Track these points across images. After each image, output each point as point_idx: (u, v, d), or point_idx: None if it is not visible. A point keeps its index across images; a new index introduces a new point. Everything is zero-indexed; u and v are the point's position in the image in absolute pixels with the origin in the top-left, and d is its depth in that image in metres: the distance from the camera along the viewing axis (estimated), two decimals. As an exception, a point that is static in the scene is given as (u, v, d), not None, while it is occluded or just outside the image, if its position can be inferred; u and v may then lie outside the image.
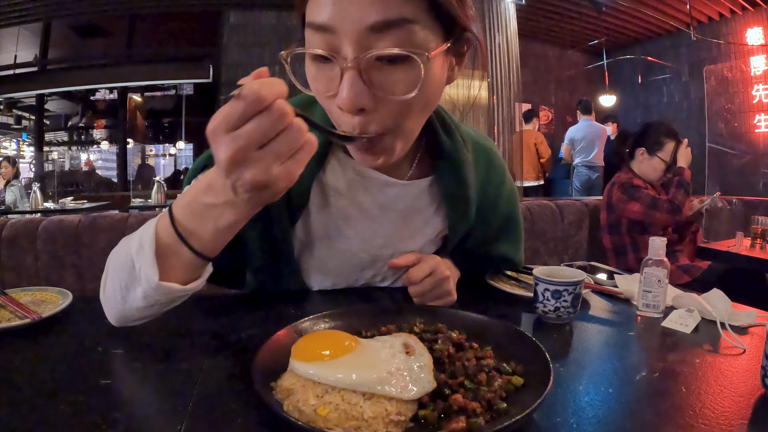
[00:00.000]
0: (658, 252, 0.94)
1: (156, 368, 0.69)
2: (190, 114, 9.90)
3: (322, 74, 0.70)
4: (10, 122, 10.39)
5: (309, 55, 0.69)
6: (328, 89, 0.69)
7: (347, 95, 0.65)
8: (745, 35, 7.51)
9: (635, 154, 2.69)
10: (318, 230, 0.95)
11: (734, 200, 3.20)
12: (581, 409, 0.57)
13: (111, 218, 1.87)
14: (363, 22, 0.63)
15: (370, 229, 0.97)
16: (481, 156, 1.03)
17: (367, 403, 0.52)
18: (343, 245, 0.97)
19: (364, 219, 0.96)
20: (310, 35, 0.68)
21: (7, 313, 0.87)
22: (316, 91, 0.72)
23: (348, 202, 0.94)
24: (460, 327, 0.72)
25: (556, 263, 1.42)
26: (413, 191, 0.97)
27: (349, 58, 0.65)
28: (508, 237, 1.11)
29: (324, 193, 0.94)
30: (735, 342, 0.78)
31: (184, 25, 8.90)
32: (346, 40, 0.64)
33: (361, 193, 0.94)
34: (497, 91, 6.43)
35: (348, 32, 0.64)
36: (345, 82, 0.65)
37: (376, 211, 0.96)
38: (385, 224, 0.97)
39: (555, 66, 9.87)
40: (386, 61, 0.66)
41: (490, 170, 1.05)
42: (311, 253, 0.97)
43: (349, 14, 0.63)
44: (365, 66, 0.65)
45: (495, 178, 1.06)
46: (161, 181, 6.38)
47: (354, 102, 0.66)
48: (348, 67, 0.65)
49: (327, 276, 1.01)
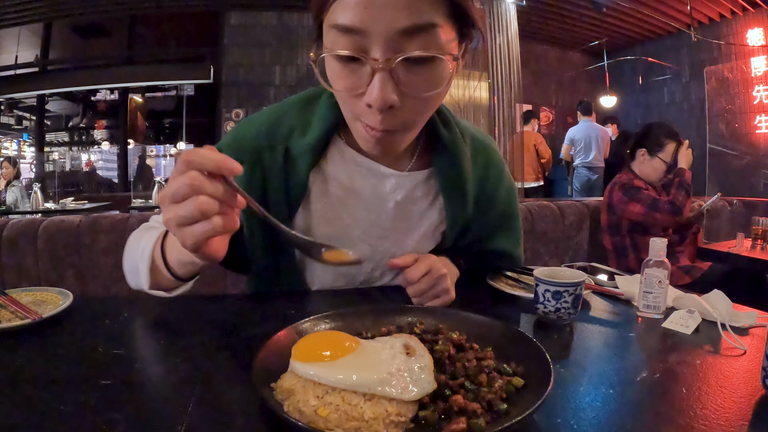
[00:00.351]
0: (659, 253, 0.94)
1: (156, 369, 0.69)
2: (190, 115, 9.90)
3: (348, 73, 0.72)
4: (11, 123, 10.40)
5: (335, 55, 0.71)
6: (356, 88, 0.73)
7: (379, 94, 0.69)
8: (745, 36, 7.51)
9: (636, 155, 2.69)
10: (318, 218, 0.97)
11: (735, 201, 3.19)
12: (582, 410, 0.57)
13: (112, 219, 1.87)
14: (394, 26, 0.66)
15: (369, 219, 0.98)
16: (480, 152, 1.05)
17: (367, 403, 0.52)
18: (342, 234, 0.98)
19: (363, 208, 0.98)
20: (335, 36, 0.70)
21: (8, 314, 0.87)
22: (341, 89, 0.75)
23: (347, 191, 0.97)
24: (460, 328, 0.72)
25: (557, 264, 1.42)
26: (411, 182, 0.99)
27: (380, 59, 0.68)
28: (506, 232, 1.12)
29: (325, 182, 0.96)
30: (735, 343, 0.78)
31: (185, 25, 8.91)
32: (377, 42, 0.67)
33: (361, 183, 0.97)
34: (498, 92, 6.43)
35: (379, 35, 0.67)
36: (376, 81, 0.69)
37: (374, 200, 0.98)
38: (383, 214, 0.99)
39: (556, 67, 9.87)
40: (413, 62, 0.70)
41: (488, 166, 1.06)
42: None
43: (380, 18, 0.66)
44: (395, 66, 0.69)
45: (493, 174, 1.07)
46: (162, 181, 6.38)
47: (386, 100, 0.70)
48: (379, 68, 0.68)
49: (327, 270, 1.01)
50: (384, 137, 0.78)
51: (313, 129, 0.93)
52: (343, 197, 0.97)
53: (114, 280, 1.80)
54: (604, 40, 8.55)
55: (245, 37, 8.73)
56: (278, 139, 0.94)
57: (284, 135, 0.94)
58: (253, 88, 8.79)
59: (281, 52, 8.80)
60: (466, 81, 6.41)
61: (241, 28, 8.73)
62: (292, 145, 0.93)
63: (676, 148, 2.61)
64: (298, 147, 0.93)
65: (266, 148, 0.93)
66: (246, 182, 0.91)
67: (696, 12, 7.54)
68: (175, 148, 10.60)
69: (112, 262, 1.80)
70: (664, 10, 7.61)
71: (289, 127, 0.95)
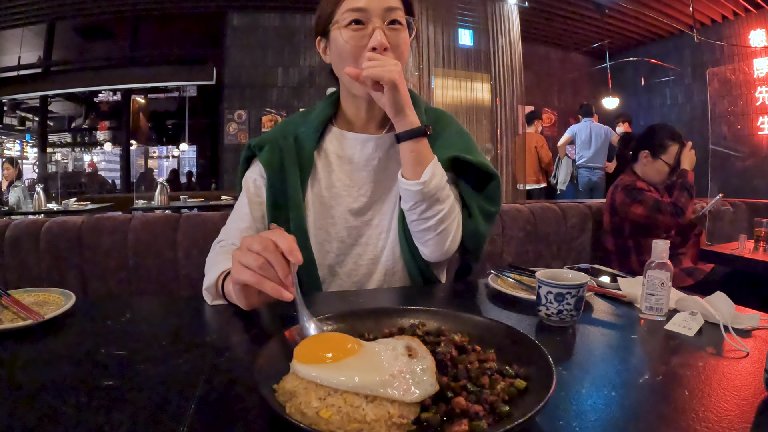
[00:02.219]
0: (661, 255, 0.94)
1: (159, 370, 0.69)
2: (193, 116, 9.92)
3: (356, 34, 1.11)
4: (14, 123, 10.43)
5: (349, 24, 1.12)
6: (361, 42, 1.11)
7: (380, 39, 1.08)
8: (748, 37, 7.51)
9: (639, 157, 2.68)
10: (324, 184, 1.26)
11: (737, 203, 3.18)
12: (584, 412, 0.57)
13: (114, 220, 1.87)
14: (383, 6, 1.11)
15: (361, 177, 1.25)
16: (431, 114, 1.35)
17: (369, 405, 0.52)
18: (345, 192, 1.25)
19: (355, 169, 1.26)
20: (348, 15, 1.11)
21: (10, 314, 0.88)
22: (353, 44, 1.12)
23: (342, 158, 1.27)
24: (462, 330, 0.72)
25: (559, 266, 1.42)
26: (387, 143, 1.25)
27: (377, 23, 1.10)
28: (459, 147, 1.26)
29: (326, 156, 1.28)
30: (738, 345, 0.78)
31: (188, 27, 8.92)
32: (376, 15, 1.11)
33: (351, 150, 1.26)
34: (500, 94, 6.43)
35: (376, 11, 1.10)
36: (377, 33, 1.09)
37: (363, 161, 1.25)
38: (371, 171, 1.25)
39: (558, 68, 9.87)
40: (392, 24, 1.12)
41: (437, 119, 1.33)
42: (322, 203, 1.25)
43: (376, 3, 1.10)
44: (385, 27, 1.11)
45: (442, 122, 1.33)
46: (164, 183, 6.38)
47: (382, 42, 1.09)
48: (377, 27, 1.10)
49: (334, 223, 1.25)
50: None
51: (313, 119, 1.28)
52: (339, 164, 1.26)
53: (116, 281, 1.80)
54: (607, 41, 8.55)
55: (247, 39, 8.74)
56: (288, 131, 1.29)
57: (292, 129, 1.30)
58: (256, 89, 8.80)
59: (283, 54, 8.81)
60: (468, 82, 6.43)
61: (243, 29, 8.74)
62: (299, 133, 1.28)
63: (679, 150, 2.60)
64: (303, 133, 1.28)
65: (281, 137, 1.28)
66: (269, 158, 1.25)
67: (698, 13, 7.54)
68: (177, 149, 10.63)
69: (114, 263, 1.80)
70: (667, 11, 7.61)
71: (295, 124, 1.32)
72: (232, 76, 8.79)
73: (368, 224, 1.26)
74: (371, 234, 1.26)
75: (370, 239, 1.25)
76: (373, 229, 1.26)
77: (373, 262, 1.25)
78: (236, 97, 8.82)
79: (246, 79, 8.76)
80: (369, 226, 1.26)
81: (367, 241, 1.25)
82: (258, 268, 0.82)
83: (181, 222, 1.87)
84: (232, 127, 8.79)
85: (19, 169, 6.47)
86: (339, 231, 1.24)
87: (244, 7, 8.64)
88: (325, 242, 1.24)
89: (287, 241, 0.82)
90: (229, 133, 8.79)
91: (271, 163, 1.24)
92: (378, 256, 1.25)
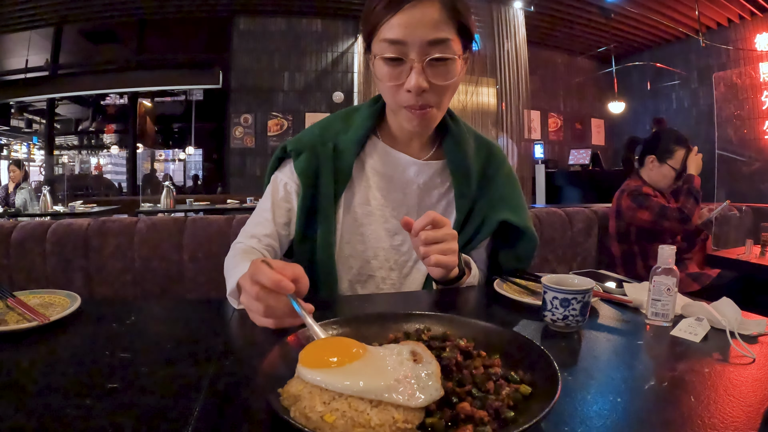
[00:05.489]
0: (667, 260, 0.94)
1: (163, 373, 0.69)
2: (199, 119, 9.97)
3: (393, 71, 1.03)
4: (21, 126, 10.50)
5: (385, 58, 1.03)
6: (398, 80, 1.04)
7: (416, 81, 1.01)
8: (754, 41, 7.49)
9: (645, 162, 2.67)
10: (359, 199, 1.22)
11: (744, 207, 3.17)
12: (589, 418, 0.57)
13: (120, 222, 1.88)
14: (425, 39, 0.99)
15: (398, 199, 1.22)
16: (483, 147, 1.30)
17: (374, 410, 0.52)
18: (378, 211, 1.22)
19: (393, 190, 1.23)
20: (385, 46, 1.01)
21: (16, 316, 0.88)
22: (389, 83, 1.05)
23: (381, 176, 1.23)
24: (468, 335, 0.72)
25: (565, 271, 1.41)
26: (430, 169, 1.23)
27: (416, 59, 1.00)
28: (509, 205, 1.26)
29: (364, 170, 1.23)
30: (744, 351, 0.78)
31: (194, 31, 8.97)
32: (413, 49, 1.00)
33: (392, 169, 1.22)
34: (506, 98, 6.44)
35: (414, 44, 1.00)
36: (413, 73, 1.01)
37: (402, 183, 1.22)
38: (409, 195, 1.23)
39: (564, 73, 9.87)
40: (435, 61, 1.01)
41: (489, 157, 1.30)
42: (354, 219, 1.21)
43: (415, 34, 0.99)
44: (424, 65, 1.01)
45: (494, 162, 1.30)
46: (171, 186, 6.41)
47: (420, 85, 1.01)
48: (415, 66, 1.01)
49: (363, 241, 1.21)
50: (421, 114, 1.07)
51: (356, 128, 1.22)
52: (377, 181, 1.22)
53: (122, 283, 1.81)
54: (612, 45, 8.55)
55: (254, 43, 8.78)
56: (328, 137, 1.22)
57: (332, 135, 1.23)
58: (262, 93, 8.84)
59: (290, 58, 8.84)
60: (474, 87, 6.43)
61: (250, 33, 8.79)
62: (339, 141, 1.21)
63: (685, 155, 2.58)
64: (343, 142, 1.21)
65: (319, 143, 1.21)
66: (305, 167, 1.19)
67: (704, 17, 7.52)
68: (183, 152, 10.67)
69: (120, 265, 1.81)
70: (672, 15, 7.60)
71: (336, 130, 1.24)
72: (239, 80, 8.83)
73: (397, 250, 1.22)
74: (398, 260, 1.22)
75: (396, 265, 1.22)
76: (401, 255, 1.22)
77: (395, 288, 1.22)
78: (242, 100, 8.85)
79: (252, 83, 8.80)
80: (398, 251, 1.22)
81: (392, 266, 1.22)
82: (266, 314, 0.80)
83: (186, 225, 1.87)
84: (239, 131, 8.82)
85: (25, 171, 6.50)
86: (366, 250, 1.21)
87: (251, 11, 8.68)
88: (350, 257, 1.21)
89: (268, 277, 0.77)
90: (236, 136, 8.84)
91: (307, 172, 1.19)
92: (401, 285, 1.22)
